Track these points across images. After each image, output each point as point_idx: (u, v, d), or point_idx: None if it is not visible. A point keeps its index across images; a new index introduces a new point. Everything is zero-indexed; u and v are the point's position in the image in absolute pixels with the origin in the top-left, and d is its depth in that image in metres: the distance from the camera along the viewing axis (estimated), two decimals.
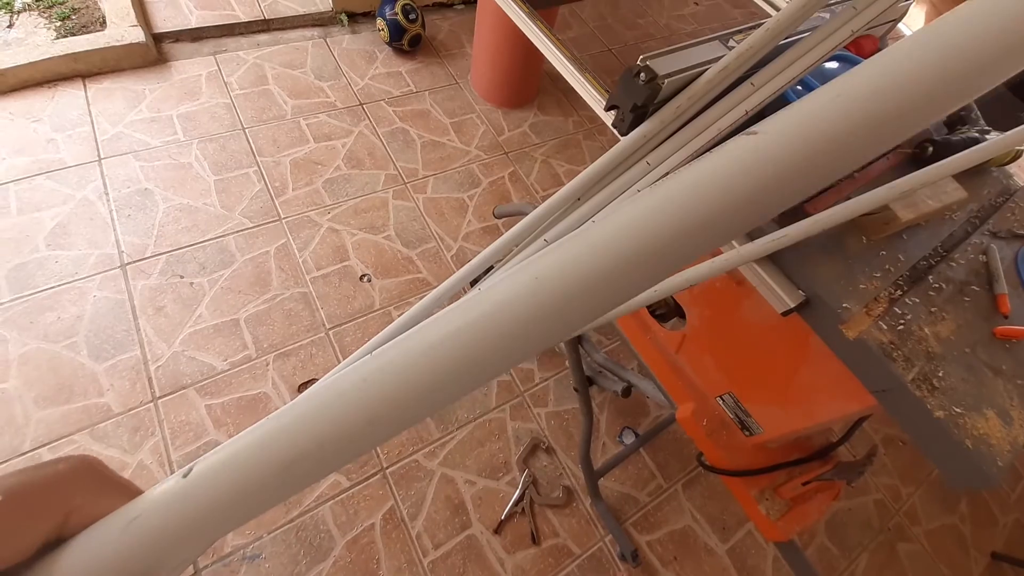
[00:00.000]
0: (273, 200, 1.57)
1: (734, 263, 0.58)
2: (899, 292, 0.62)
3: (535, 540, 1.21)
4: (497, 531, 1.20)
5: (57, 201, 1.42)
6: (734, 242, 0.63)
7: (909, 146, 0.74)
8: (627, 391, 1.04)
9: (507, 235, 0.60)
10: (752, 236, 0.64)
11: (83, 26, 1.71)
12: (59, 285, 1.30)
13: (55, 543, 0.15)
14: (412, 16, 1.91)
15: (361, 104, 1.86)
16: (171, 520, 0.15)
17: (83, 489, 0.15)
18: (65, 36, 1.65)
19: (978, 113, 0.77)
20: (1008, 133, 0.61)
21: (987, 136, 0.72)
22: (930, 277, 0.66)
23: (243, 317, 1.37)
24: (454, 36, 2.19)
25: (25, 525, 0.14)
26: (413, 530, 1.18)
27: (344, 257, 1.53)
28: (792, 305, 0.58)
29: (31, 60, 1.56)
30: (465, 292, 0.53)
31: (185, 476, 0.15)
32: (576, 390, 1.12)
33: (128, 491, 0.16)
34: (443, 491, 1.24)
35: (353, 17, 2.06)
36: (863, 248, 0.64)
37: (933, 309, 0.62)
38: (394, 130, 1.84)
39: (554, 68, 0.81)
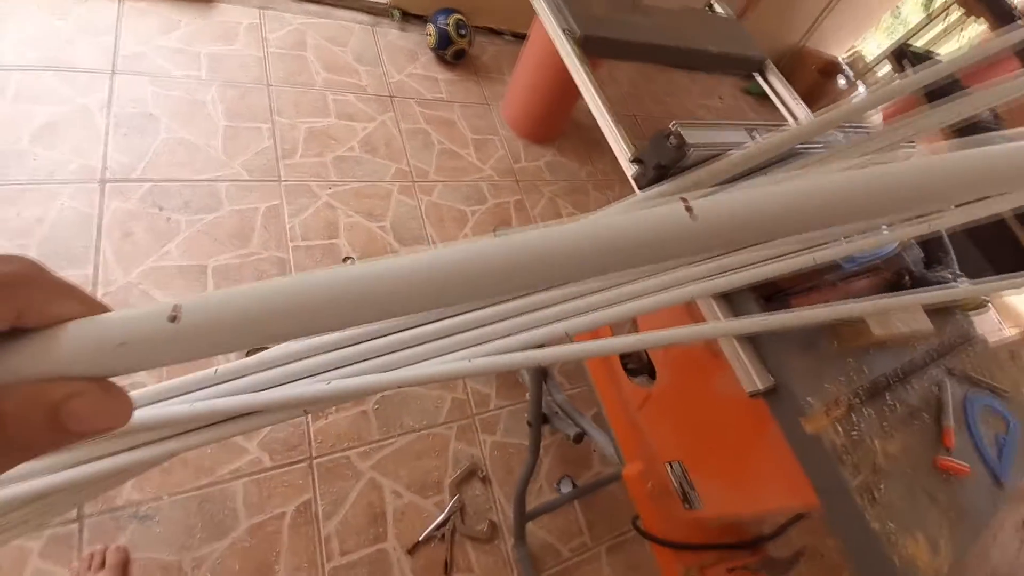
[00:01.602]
0: (278, 160, 1.54)
1: (716, 334, 0.60)
2: (858, 400, 0.65)
3: (447, 570, 1.15)
4: (411, 552, 1.14)
5: (56, 100, 1.36)
6: (719, 313, 0.65)
7: (890, 272, 0.79)
8: (579, 437, 1.03)
9: None
10: (737, 313, 0.66)
11: None
12: (29, 183, 1.23)
13: (9, 334, 0.15)
14: (463, 31, 1.98)
15: (391, 96, 1.88)
16: (159, 353, 0.15)
17: (33, 290, 0.15)
18: None
19: (953, 258, 0.84)
20: (979, 285, 0.66)
21: (959, 280, 0.78)
22: (887, 395, 0.69)
23: (212, 265, 1.31)
24: (496, 62, 2.26)
25: None
26: (324, 530, 1.11)
27: (334, 235, 1.50)
28: (761, 388, 0.59)
29: None
30: None
31: (172, 320, 0.15)
32: (529, 424, 1.10)
33: (74, 293, 0.16)
34: (367, 496, 1.18)
35: (406, 16, 2.12)
36: (834, 352, 0.67)
37: (885, 425, 0.65)
38: (416, 129, 1.86)
39: (582, 115, 0.84)
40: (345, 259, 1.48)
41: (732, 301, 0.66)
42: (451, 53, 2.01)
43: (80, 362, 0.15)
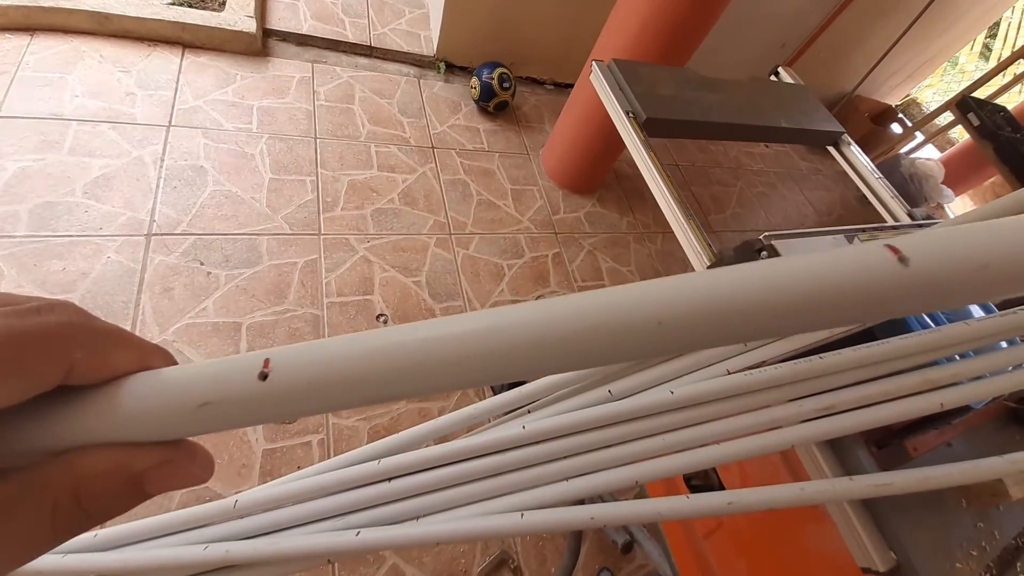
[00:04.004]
0: (319, 214, 1.53)
1: (825, 498, 0.50)
2: None
3: None
4: None
5: (112, 153, 1.39)
6: (822, 462, 0.56)
7: (1012, 400, 0.68)
8: (628, 547, 0.92)
9: (563, 376, 0.53)
10: (843, 461, 0.56)
11: (202, 0, 1.77)
12: (79, 235, 1.24)
13: (62, 390, 0.14)
14: (506, 84, 1.97)
15: (433, 147, 1.87)
16: (246, 413, 0.15)
17: (82, 344, 0.14)
18: (181, 5, 1.71)
19: None
20: None
21: None
22: (1017, 564, 0.57)
23: (247, 323, 1.29)
24: (537, 112, 2.25)
25: (20, 375, 0.12)
26: None
27: (368, 290, 1.47)
28: (881, 569, 0.49)
29: (140, 15, 1.60)
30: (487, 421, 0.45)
31: (263, 380, 0.14)
32: None
33: (126, 340, 0.15)
34: None
35: (450, 68, 2.14)
36: (961, 512, 0.56)
37: None
38: (456, 180, 1.84)
39: (623, 165, 0.78)
40: (378, 317, 1.44)
41: (837, 446, 0.56)
42: (494, 105, 2.00)
43: (159, 425, 0.14)
